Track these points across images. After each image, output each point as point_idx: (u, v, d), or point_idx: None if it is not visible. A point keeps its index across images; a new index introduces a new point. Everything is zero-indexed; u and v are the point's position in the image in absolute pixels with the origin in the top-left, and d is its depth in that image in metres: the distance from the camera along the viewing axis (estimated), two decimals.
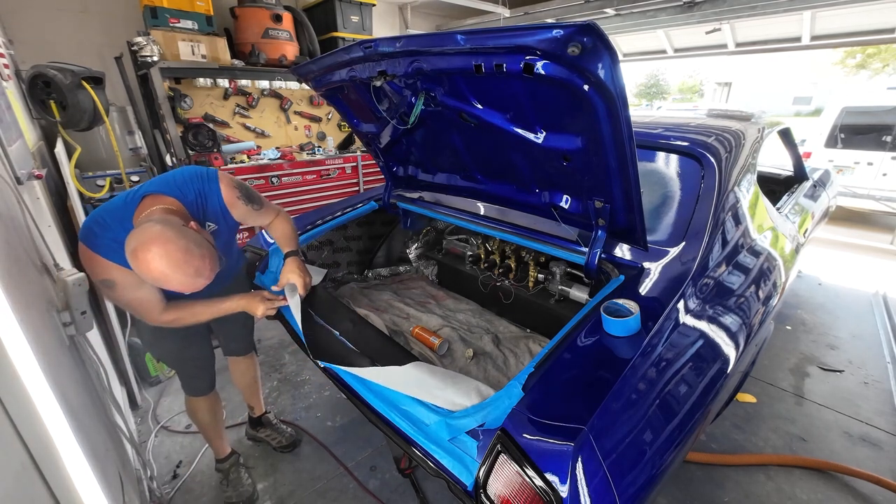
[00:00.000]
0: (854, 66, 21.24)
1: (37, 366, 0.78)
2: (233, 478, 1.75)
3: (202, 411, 1.67)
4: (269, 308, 1.46)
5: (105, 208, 1.23)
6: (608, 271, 1.43)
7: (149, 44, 2.63)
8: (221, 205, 1.36)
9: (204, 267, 1.07)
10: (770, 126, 2.17)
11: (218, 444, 1.76)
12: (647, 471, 0.93)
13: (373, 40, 1.30)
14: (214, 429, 1.73)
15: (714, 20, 4.36)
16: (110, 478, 1.13)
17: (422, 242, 2.50)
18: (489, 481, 0.90)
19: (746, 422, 2.13)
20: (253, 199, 1.44)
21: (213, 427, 1.72)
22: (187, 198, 1.27)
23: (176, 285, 1.05)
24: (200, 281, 1.08)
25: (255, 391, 1.95)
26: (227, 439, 1.81)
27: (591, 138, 1.15)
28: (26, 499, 0.70)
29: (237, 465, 1.79)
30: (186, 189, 1.28)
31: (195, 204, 1.29)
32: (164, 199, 1.22)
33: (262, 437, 1.99)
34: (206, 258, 1.08)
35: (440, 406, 1.09)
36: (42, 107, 1.94)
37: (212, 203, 1.34)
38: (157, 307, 1.28)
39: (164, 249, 1.00)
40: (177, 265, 1.02)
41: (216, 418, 1.72)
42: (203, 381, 1.64)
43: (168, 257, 1.00)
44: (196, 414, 1.68)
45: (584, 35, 0.87)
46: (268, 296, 1.49)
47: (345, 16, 3.61)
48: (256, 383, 1.93)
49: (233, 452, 1.81)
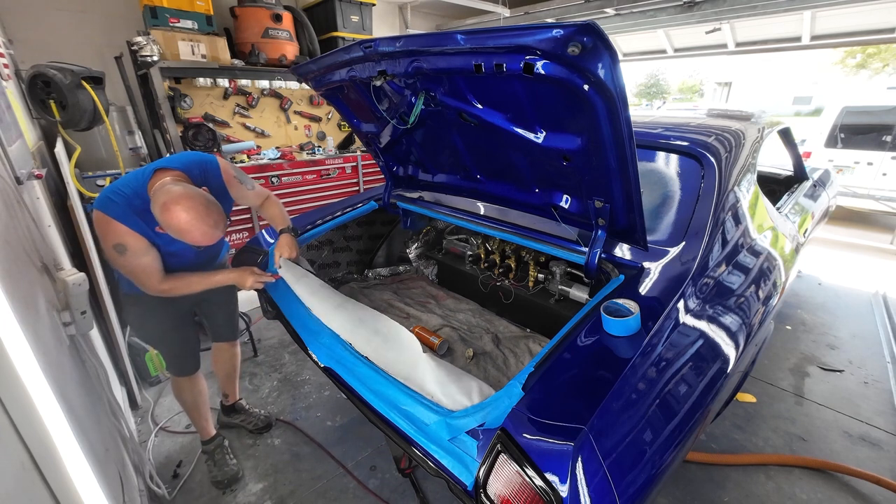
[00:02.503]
0: (854, 66, 21.24)
1: (37, 366, 0.78)
2: (218, 458, 1.83)
3: (187, 391, 1.75)
4: (257, 281, 1.60)
5: (121, 181, 1.38)
6: (608, 271, 1.43)
7: (149, 43, 2.63)
8: (220, 183, 1.54)
9: (220, 220, 1.29)
10: (770, 126, 2.17)
11: (203, 424, 1.84)
12: (647, 470, 0.93)
13: (373, 40, 1.30)
14: (199, 410, 1.81)
15: (714, 20, 4.36)
16: (110, 478, 1.13)
17: (422, 242, 2.50)
18: (489, 481, 0.90)
19: (746, 422, 2.13)
20: (246, 180, 1.66)
21: (198, 408, 1.80)
22: (192, 174, 1.43)
23: (198, 235, 1.25)
24: (217, 232, 1.29)
25: (233, 379, 2.03)
26: (211, 421, 1.88)
27: (591, 138, 1.15)
28: (26, 499, 0.70)
29: (222, 447, 1.86)
30: (191, 167, 1.45)
31: (199, 179, 1.45)
32: (173, 172, 1.39)
33: (236, 423, 2.06)
34: (220, 213, 1.31)
35: (440, 402, 1.10)
36: (42, 106, 1.94)
37: (212, 181, 1.50)
38: (158, 275, 1.42)
39: (191, 203, 1.23)
40: (200, 217, 1.23)
41: (201, 399, 1.80)
42: (188, 362, 1.72)
43: (194, 209, 1.23)
44: (182, 394, 1.76)
45: (584, 35, 0.87)
46: (257, 271, 1.63)
47: (345, 16, 3.61)
48: (236, 371, 2.02)
49: (217, 434, 1.88)
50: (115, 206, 1.31)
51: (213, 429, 1.88)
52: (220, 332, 1.89)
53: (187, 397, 1.76)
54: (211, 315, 1.84)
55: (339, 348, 1.39)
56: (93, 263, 1.96)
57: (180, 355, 1.71)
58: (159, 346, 1.76)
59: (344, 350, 1.37)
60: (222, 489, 1.77)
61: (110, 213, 1.30)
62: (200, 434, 1.85)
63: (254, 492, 1.78)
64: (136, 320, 1.68)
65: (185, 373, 1.73)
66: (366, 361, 1.30)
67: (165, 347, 1.72)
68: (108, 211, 1.30)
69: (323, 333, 1.49)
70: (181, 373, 1.72)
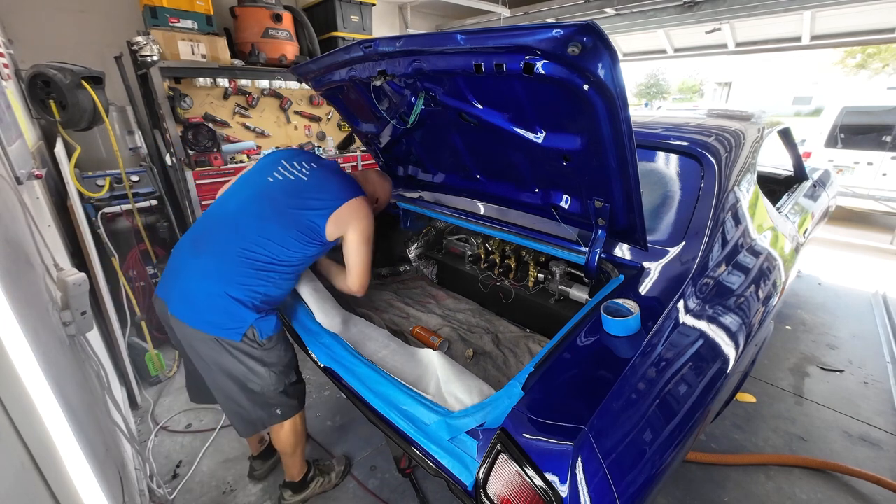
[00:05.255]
0: (854, 66, 21.24)
1: (37, 366, 0.78)
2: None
3: (300, 424, 1.59)
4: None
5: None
6: (608, 271, 1.43)
7: (149, 43, 2.63)
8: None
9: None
10: (770, 126, 2.17)
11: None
12: (647, 470, 0.93)
13: (373, 40, 1.30)
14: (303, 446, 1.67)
15: (714, 20, 4.35)
16: (110, 478, 1.13)
17: (422, 242, 2.49)
18: (489, 481, 0.90)
19: (746, 422, 2.13)
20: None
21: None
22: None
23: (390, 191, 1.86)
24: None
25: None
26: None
27: (591, 138, 1.15)
28: (26, 499, 0.70)
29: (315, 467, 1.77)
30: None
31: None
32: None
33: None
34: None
35: (440, 401, 1.10)
36: (42, 106, 1.94)
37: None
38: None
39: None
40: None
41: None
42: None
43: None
44: (298, 430, 1.58)
45: (584, 35, 0.87)
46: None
47: (345, 16, 3.61)
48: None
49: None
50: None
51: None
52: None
53: (302, 433, 1.60)
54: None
55: (339, 348, 1.39)
56: (93, 263, 1.96)
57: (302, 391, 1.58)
58: (290, 375, 1.52)
59: (344, 350, 1.37)
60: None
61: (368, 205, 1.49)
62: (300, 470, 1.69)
63: (254, 492, 1.78)
64: (277, 359, 1.44)
65: (303, 404, 1.58)
66: (366, 361, 1.31)
67: (296, 376, 1.55)
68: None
69: (323, 333, 1.49)
70: (302, 404, 1.57)
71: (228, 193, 1.51)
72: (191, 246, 1.40)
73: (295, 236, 1.38)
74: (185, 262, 1.37)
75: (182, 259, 1.39)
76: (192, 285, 1.32)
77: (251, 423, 1.45)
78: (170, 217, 2.69)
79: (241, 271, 1.32)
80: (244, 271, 1.32)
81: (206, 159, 2.83)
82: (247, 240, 1.34)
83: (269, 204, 1.41)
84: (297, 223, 1.39)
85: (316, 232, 1.41)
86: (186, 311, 1.31)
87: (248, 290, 1.33)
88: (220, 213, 1.45)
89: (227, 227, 1.38)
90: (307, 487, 1.70)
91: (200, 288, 1.31)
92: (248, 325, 1.32)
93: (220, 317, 1.30)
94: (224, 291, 1.30)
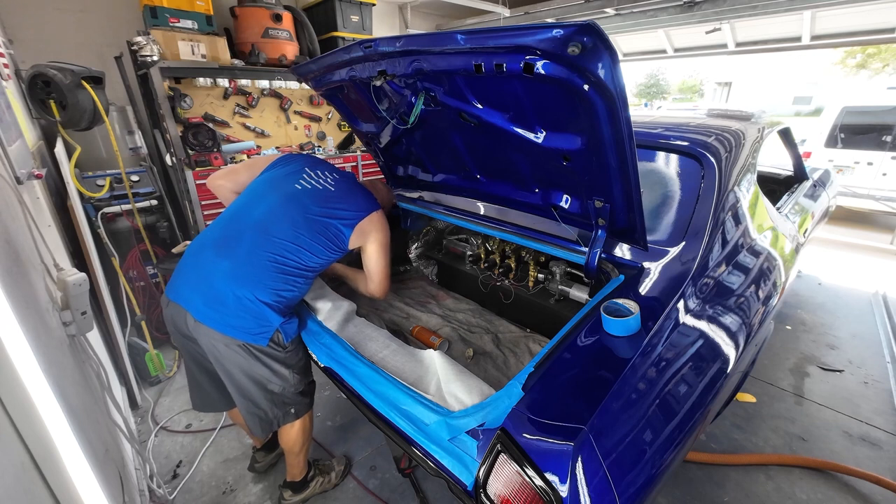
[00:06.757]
0: (854, 66, 21.24)
1: (37, 366, 0.78)
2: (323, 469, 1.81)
3: (308, 424, 1.61)
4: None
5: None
6: (608, 271, 1.43)
7: (149, 43, 2.63)
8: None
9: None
10: (770, 126, 2.17)
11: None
12: (647, 470, 0.93)
13: (373, 40, 1.30)
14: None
15: (714, 20, 4.35)
16: (110, 478, 1.13)
17: (422, 242, 2.49)
18: (489, 481, 0.90)
19: (746, 422, 2.13)
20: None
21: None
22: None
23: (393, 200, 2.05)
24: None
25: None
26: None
27: (591, 138, 1.15)
28: (26, 499, 0.70)
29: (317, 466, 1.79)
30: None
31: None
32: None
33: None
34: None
35: (440, 401, 1.10)
36: (42, 106, 1.94)
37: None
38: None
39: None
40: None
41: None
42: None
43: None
44: (306, 428, 1.60)
45: (584, 35, 0.87)
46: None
47: (345, 16, 3.61)
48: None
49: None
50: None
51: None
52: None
53: (310, 431, 1.62)
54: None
55: (339, 348, 1.39)
56: (93, 263, 1.96)
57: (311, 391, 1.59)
58: (308, 375, 1.55)
59: (344, 350, 1.37)
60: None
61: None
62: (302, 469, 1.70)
63: (254, 492, 1.78)
64: (298, 360, 1.47)
65: (313, 402, 1.60)
66: (366, 362, 1.31)
67: (311, 375, 1.57)
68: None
69: (323, 333, 1.49)
70: (312, 403, 1.58)
71: (252, 196, 1.50)
72: (214, 248, 1.38)
73: (322, 243, 1.42)
74: (208, 264, 1.35)
75: (205, 261, 1.36)
76: (219, 289, 1.31)
77: (268, 423, 1.47)
78: (170, 217, 2.69)
79: (271, 276, 1.33)
80: (273, 276, 1.34)
81: (207, 159, 2.83)
82: (278, 245, 1.36)
83: (300, 211, 1.43)
84: (326, 231, 1.43)
85: (341, 240, 1.46)
86: (213, 315, 1.29)
87: (276, 295, 1.34)
88: (247, 217, 1.43)
89: (257, 231, 1.38)
90: (307, 487, 1.70)
91: (229, 292, 1.30)
92: (274, 329, 1.34)
93: (248, 321, 1.30)
94: (254, 296, 1.31)
